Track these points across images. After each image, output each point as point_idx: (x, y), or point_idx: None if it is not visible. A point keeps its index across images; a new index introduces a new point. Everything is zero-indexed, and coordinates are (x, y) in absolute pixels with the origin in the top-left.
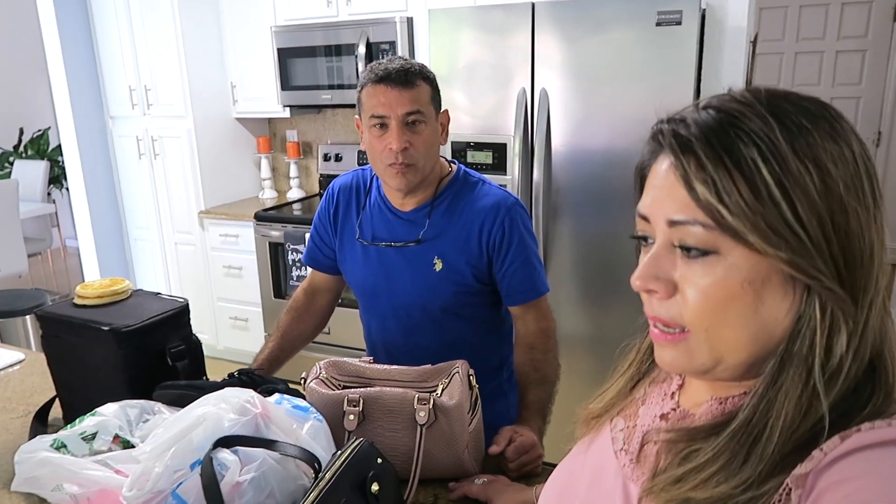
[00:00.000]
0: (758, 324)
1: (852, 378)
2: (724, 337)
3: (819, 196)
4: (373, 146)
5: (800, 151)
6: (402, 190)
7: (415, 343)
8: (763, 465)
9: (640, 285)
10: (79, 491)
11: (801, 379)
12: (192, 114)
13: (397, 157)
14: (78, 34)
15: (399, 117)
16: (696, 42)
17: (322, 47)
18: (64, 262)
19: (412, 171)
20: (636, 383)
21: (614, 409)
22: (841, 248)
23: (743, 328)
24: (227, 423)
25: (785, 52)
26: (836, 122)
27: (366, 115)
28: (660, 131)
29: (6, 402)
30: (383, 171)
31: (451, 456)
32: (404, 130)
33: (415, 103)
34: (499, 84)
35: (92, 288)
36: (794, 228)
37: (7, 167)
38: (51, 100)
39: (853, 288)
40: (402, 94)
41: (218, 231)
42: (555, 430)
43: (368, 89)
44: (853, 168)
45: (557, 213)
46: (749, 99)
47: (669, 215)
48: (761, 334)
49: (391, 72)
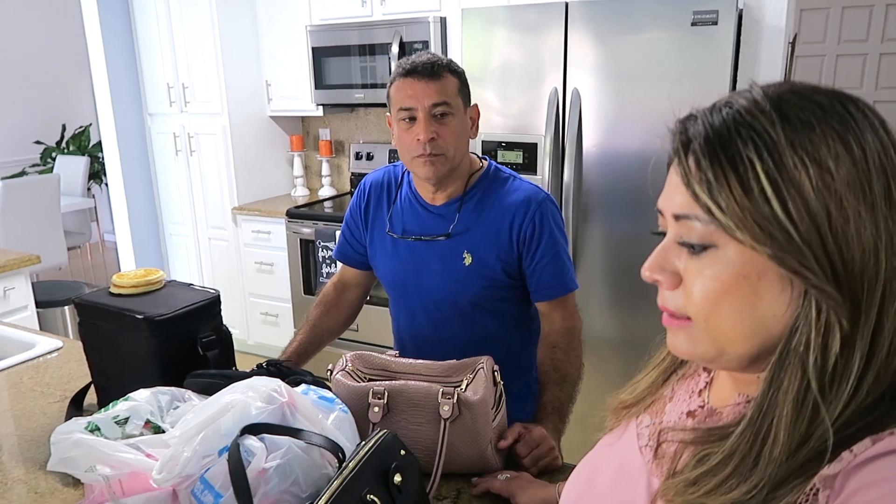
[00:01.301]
0: (755, 318)
1: (867, 384)
2: (723, 329)
3: (815, 193)
4: (402, 139)
5: (799, 147)
6: (431, 179)
7: (444, 337)
8: (772, 467)
9: (648, 275)
10: (111, 472)
11: (798, 378)
12: (228, 111)
13: (425, 148)
14: (119, 34)
15: (426, 108)
16: (732, 43)
17: (356, 46)
18: (102, 255)
19: (441, 161)
20: (669, 376)
21: (646, 400)
22: (837, 247)
23: (739, 322)
24: (254, 411)
25: (826, 54)
26: (850, 117)
27: (394, 108)
28: (672, 130)
29: (44, 388)
30: (411, 162)
31: (474, 451)
32: (431, 122)
33: (441, 94)
34: (531, 84)
35: (127, 277)
36: (783, 225)
37: (50, 163)
38: (92, 97)
39: (852, 290)
40: (428, 86)
41: (250, 227)
42: (578, 431)
43: (397, 83)
44: (862, 166)
45: (588, 214)
46: (758, 94)
47: (674, 210)
48: (760, 329)
49: (418, 65)
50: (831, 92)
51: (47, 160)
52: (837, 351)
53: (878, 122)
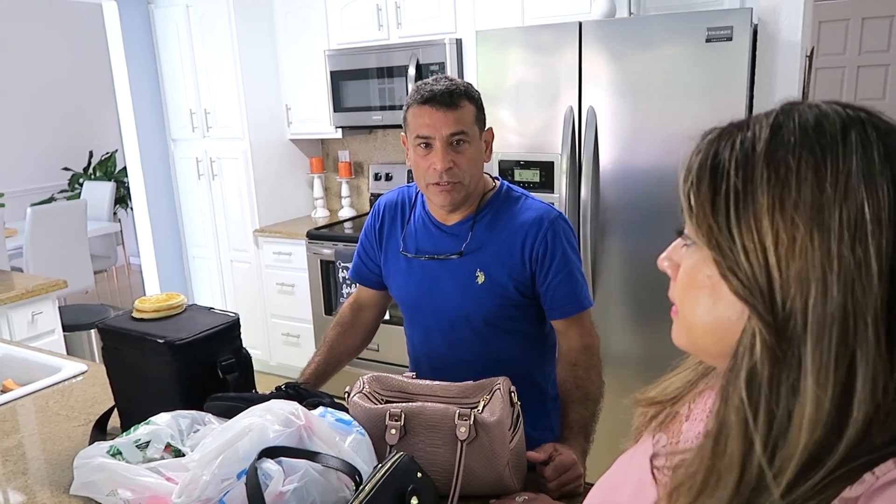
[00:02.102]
0: (715, 317)
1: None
2: (689, 320)
3: (769, 209)
4: (417, 165)
5: (773, 163)
6: (447, 207)
7: (458, 356)
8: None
9: (658, 263)
10: (132, 496)
11: (738, 390)
12: (249, 136)
13: (441, 177)
14: (143, 62)
15: (444, 138)
16: (748, 58)
17: (373, 69)
18: (128, 278)
19: (457, 190)
20: (701, 377)
21: (680, 401)
22: (777, 264)
23: (702, 317)
24: (272, 435)
25: (846, 65)
26: (839, 142)
27: (411, 134)
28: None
29: (69, 411)
30: (427, 188)
31: (491, 472)
32: (448, 150)
33: (459, 124)
34: (546, 103)
35: (149, 302)
36: (731, 231)
37: (77, 188)
38: (118, 124)
39: (787, 313)
40: (446, 116)
41: (272, 249)
42: (600, 451)
43: (414, 109)
44: (829, 191)
45: (605, 232)
46: (774, 108)
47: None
48: (719, 328)
49: (436, 93)
50: (847, 114)
51: (75, 186)
52: (768, 373)
53: (882, 152)
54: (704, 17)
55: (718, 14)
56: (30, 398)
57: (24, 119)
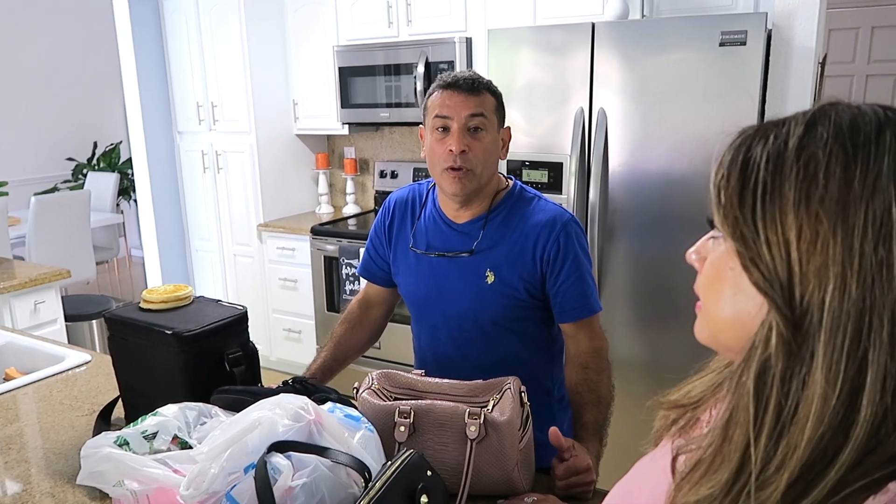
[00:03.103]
0: (735, 310)
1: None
2: (712, 313)
3: (795, 203)
4: (433, 149)
5: (802, 158)
6: (458, 195)
7: (465, 355)
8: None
9: (687, 256)
10: (139, 488)
11: (749, 380)
12: (255, 130)
13: (456, 161)
14: (151, 54)
15: (462, 120)
16: (761, 63)
17: (382, 66)
18: (129, 270)
19: (469, 178)
20: (726, 380)
21: (703, 405)
22: (798, 258)
23: (722, 309)
24: (281, 429)
25: (856, 74)
26: (873, 140)
27: (430, 116)
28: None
29: (73, 401)
30: (440, 175)
31: (500, 472)
32: (465, 134)
33: (479, 107)
34: (556, 103)
35: (157, 293)
36: (756, 223)
37: (81, 179)
38: (124, 115)
39: (804, 307)
40: (467, 99)
41: (275, 244)
42: (608, 455)
43: (435, 94)
44: (856, 188)
45: (613, 234)
46: (812, 108)
47: None
48: (738, 322)
49: (459, 79)
50: (885, 115)
51: (79, 176)
52: (782, 367)
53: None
54: (718, 20)
55: (732, 18)
56: (33, 387)
57: (29, 108)
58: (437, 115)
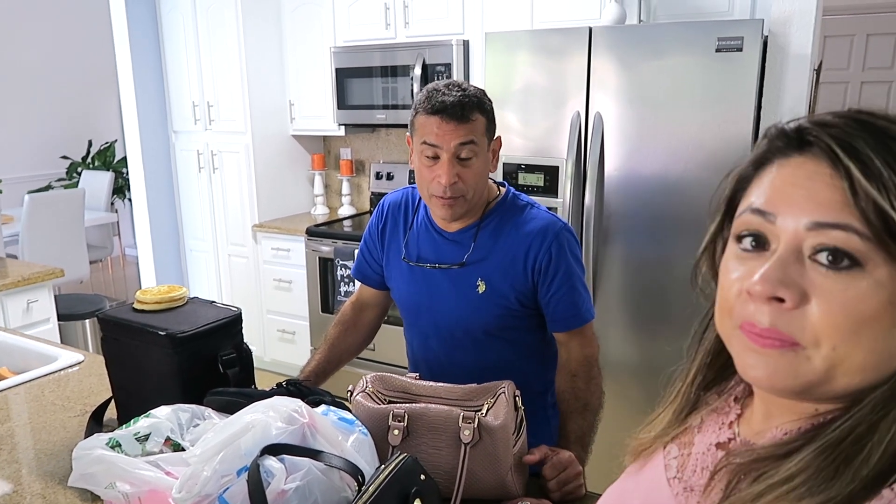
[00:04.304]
0: (887, 349)
1: None
2: (853, 358)
3: None
4: (421, 173)
5: None
6: (447, 219)
7: (456, 362)
8: (854, 485)
9: (768, 290)
10: (130, 490)
11: None
12: (251, 130)
13: (445, 192)
14: (148, 53)
15: (451, 150)
16: (757, 69)
17: (378, 68)
18: (123, 269)
19: (459, 204)
20: (687, 415)
21: (665, 437)
22: None
23: (872, 352)
24: (274, 432)
25: (850, 81)
26: None
27: (417, 139)
28: (803, 129)
29: (65, 401)
30: (429, 199)
31: (494, 477)
32: (455, 164)
33: (469, 135)
34: (553, 107)
35: (151, 294)
36: None
37: (75, 177)
38: (119, 114)
39: None
40: (457, 129)
41: (270, 245)
42: (601, 459)
43: (422, 118)
44: None
45: (608, 238)
46: (887, 115)
47: (815, 217)
48: (885, 361)
49: (447, 105)
50: None
51: (73, 175)
52: None
53: None
54: (715, 26)
55: (729, 24)
56: (24, 387)
57: (23, 106)
58: (426, 142)
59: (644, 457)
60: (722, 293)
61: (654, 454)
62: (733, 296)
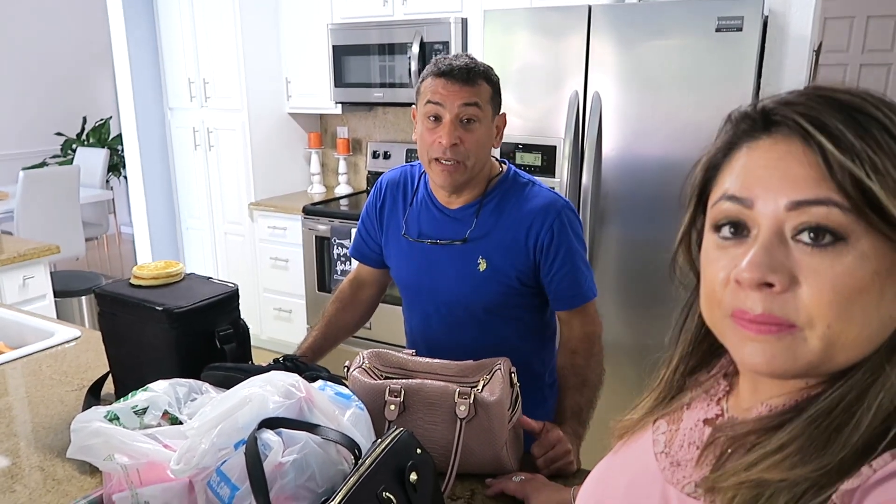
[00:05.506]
0: (878, 320)
1: None
2: (848, 334)
3: None
4: (423, 138)
5: None
6: (447, 187)
7: (456, 341)
8: (846, 451)
9: (758, 277)
10: (129, 462)
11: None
12: (248, 107)
13: (445, 153)
14: (143, 29)
15: (455, 111)
16: (756, 50)
17: (376, 46)
18: (118, 247)
19: (459, 170)
20: (671, 400)
21: (651, 417)
22: None
23: (866, 325)
24: (271, 405)
25: (849, 63)
26: None
27: (422, 101)
28: (768, 110)
29: (62, 376)
30: (429, 164)
31: (489, 452)
32: (457, 126)
33: (473, 97)
34: (551, 86)
35: (147, 269)
36: None
37: (70, 154)
38: (114, 91)
39: None
40: (462, 89)
41: (266, 223)
42: (596, 437)
43: (429, 80)
44: None
45: (605, 218)
46: (854, 91)
47: (793, 196)
48: (879, 333)
49: (455, 67)
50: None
51: (68, 151)
52: None
53: None
54: (715, 6)
55: (729, 4)
56: (21, 361)
57: (17, 82)
58: (430, 101)
59: (630, 436)
60: (707, 284)
61: (643, 430)
62: (720, 285)
